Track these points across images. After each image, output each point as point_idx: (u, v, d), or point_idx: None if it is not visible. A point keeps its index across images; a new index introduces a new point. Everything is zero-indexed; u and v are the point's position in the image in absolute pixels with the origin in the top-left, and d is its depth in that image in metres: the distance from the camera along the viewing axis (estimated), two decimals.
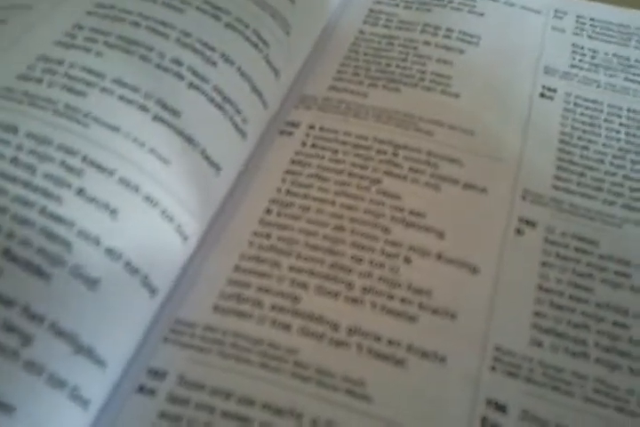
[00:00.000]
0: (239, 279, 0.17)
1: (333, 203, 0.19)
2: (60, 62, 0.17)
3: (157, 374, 0.15)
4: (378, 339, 0.16)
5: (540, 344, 0.16)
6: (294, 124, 0.21)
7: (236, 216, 0.18)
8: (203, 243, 0.17)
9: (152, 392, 0.14)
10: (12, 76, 0.16)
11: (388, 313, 0.16)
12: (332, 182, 0.19)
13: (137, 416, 0.14)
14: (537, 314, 0.16)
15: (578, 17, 0.26)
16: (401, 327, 0.16)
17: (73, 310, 0.13)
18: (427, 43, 0.24)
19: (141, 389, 0.14)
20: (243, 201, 0.18)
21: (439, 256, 0.17)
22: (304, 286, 0.17)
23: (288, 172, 0.19)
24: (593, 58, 0.24)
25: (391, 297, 0.16)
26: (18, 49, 0.17)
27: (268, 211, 0.18)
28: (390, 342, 0.16)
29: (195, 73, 0.18)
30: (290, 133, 0.21)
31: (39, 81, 0.16)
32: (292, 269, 0.17)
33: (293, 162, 0.20)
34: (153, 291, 0.15)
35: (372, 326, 0.16)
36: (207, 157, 0.17)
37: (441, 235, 0.18)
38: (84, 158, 0.15)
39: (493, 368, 0.15)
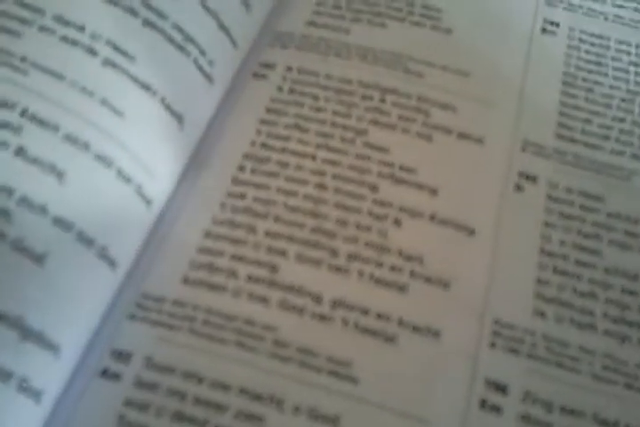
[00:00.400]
0: (211, 247, 0.15)
1: (314, 157, 0.17)
2: None
3: (122, 355, 0.13)
4: (365, 312, 0.14)
5: (543, 315, 0.15)
6: (269, 66, 0.19)
7: (206, 175, 0.16)
8: (169, 207, 0.15)
9: (116, 376, 0.13)
10: None
11: (376, 283, 0.15)
12: (313, 134, 0.17)
13: (100, 403, 0.13)
14: (539, 281, 0.15)
15: None
16: (391, 299, 0.15)
17: (16, 289, 0.12)
18: None
19: (105, 372, 0.13)
20: (212, 157, 0.17)
21: (432, 217, 0.16)
22: (283, 253, 0.15)
23: (263, 122, 0.17)
24: None
25: (379, 265, 0.15)
26: None
27: (242, 168, 0.16)
28: (379, 316, 0.14)
29: (149, 7, 0.16)
30: (264, 76, 0.18)
31: None
32: (268, 234, 0.15)
33: (269, 110, 0.18)
34: (112, 264, 0.13)
35: (358, 298, 0.14)
36: (168, 107, 0.15)
37: (434, 192, 0.16)
38: (23, 112, 0.13)
39: (493, 344, 0.14)
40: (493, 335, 0.14)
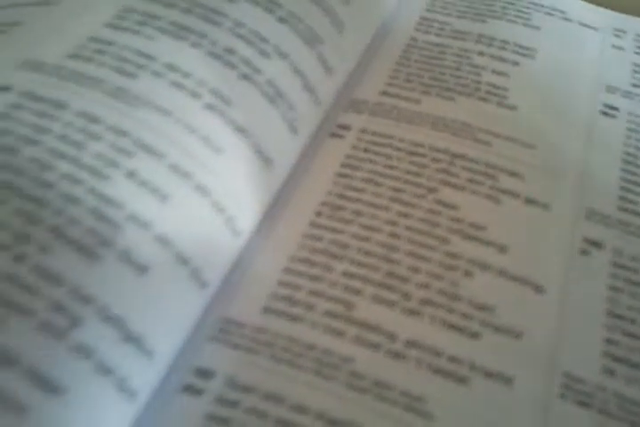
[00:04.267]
0: (290, 281, 0.17)
1: (387, 209, 0.19)
2: (110, 43, 0.18)
3: (205, 373, 0.15)
4: (438, 354, 0.16)
5: (612, 374, 0.16)
6: (345, 127, 0.22)
7: (286, 216, 0.18)
8: (252, 241, 0.17)
9: (199, 392, 0.14)
10: (63, 55, 0.17)
11: (448, 328, 0.16)
12: (386, 188, 0.19)
13: (183, 417, 0.14)
14: (608, 341, 0.17)
15: (637, 35, 0.27)
16: (463, 343, 0.16)
17: (122, 295, 0.13)
18: (481, 53, 0.25)
19: (187, 388, 0.14)
20: (292, 201, 0.19)
21: (501, 272, 0.18)
22: (358, 292, 0.17)
23: (339, 174, 0.20)
24: None
25: (451, 311, 0.17)
26: (68, 29, 0.18)
27: (319, 213, 0.19)
28: (451, 359, 0.16)
29: (248, 64, 0.19)
30: (341, 136, 0.21)
31: (89, 60, 0.17)
32: (345, 274, 0.17)
33: (344, 165, 0.20)
34: (203, 285, 0.15)
35: (431, 341, 0.16)
36: (260, 151, 0.18)
37: (503, 249, 0.18)
38: (135, 140, 0.16)
39: (563, 395, 0.15)
40: (564, 388, 0.15)
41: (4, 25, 0.18)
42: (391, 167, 0.20)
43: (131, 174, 0.15)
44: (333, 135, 0.21)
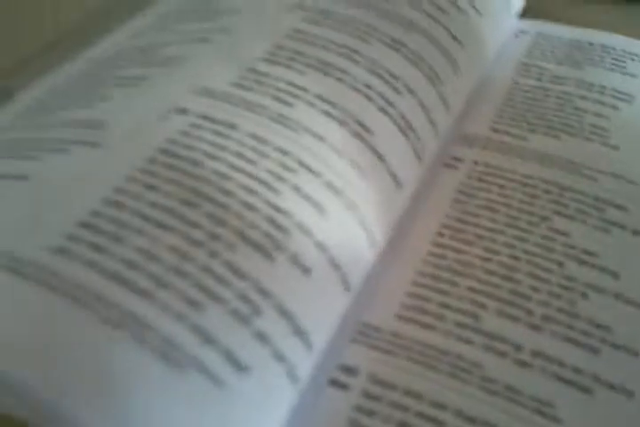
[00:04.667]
0: (419, 293, 0.18)
1: (504, 233, 0.21)
2: (267, 75, 0.20)
3: (349, 370, 0.16)
4: (562, 365, 0.17)
5: None
6: (458, 159, 0.23)
7: (411, 235, 0.20)
8: (381, 255, 0.19)
9: (345, 387, 0.16)
10: (228, 83, 0.19)
11: (569, 342, 0.18)
12: (502, 214, 0.21)
13: (331, 407, 0.15)
14: None
15: None
16: (584, 357, 0.17)
17: (292, 292, 0.15)
18: (583, 97, 0.27)
19: (334, 383, 0.16)
20: (415, 222, 0.21)
21: (617, 296, 0.19)
22: (483, 306, 0.18)
23: (456, 200, 0.22)
24: None
25: (571, 328, 0.18)
26: (230, 62, 0.20)
27: (441, 234, 0.20)
28: (575, 370, 0.17)
29: (383, 98, 0.21)
30: (455, 167, 0.23)
31: (250, 89, 0.19)
32: (470, 289, 0.19)
33: (460, 192, 0.22)
34: (348, 288, 0.17)
35: (554, 352, 0.17)
36: (394, 175, 0.20)
37: (616, 276, 0.20)
38: (297, 159, 0.18)
39: None
40: None
41: (173, 58, 0.21)
42: (505, 196, 0.22)
43: (295, 188, 0.17)
44: (448, 166, 0.23)
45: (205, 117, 0.18)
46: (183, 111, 0.18)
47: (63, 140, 0.18)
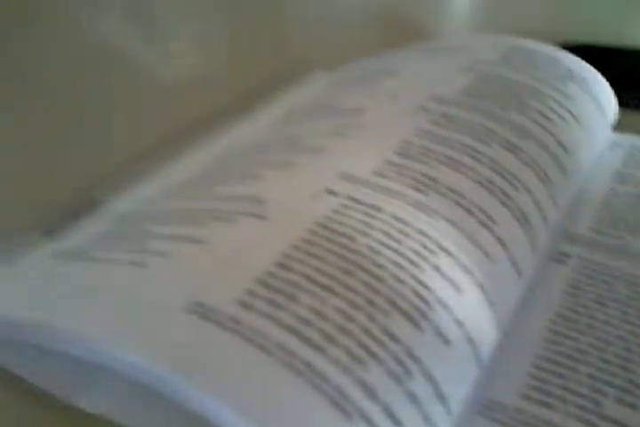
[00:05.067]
0: (539, 375, 0.20)
1: (616, 326, 0.22)
2: (402, 166, 0.22)
3: None
4: None
5: None
6: (565, 255, 0.25)
7: (527, 321, 0.22)
8: (502, 336, 0.21)
9: None
10: (368, 171, 0.22)
11: None
12: (612, 308, 0.22)
13: None
14: None
15: None
16: None
17: (437, 359, 0.17)
18: None
19: None
20: (531, 309, 0.22)
21: None
22: (603, 393, 0.19)
23: (567, 293, 0.23)
24: None
25: None
26: (367, 153, 0.23)
27: (555, 322, 0.22)
28: None
29: (504, 193, 0.23)
30: (563, 262, 0.25)
31: (389, 178, 0.22)
32: (589, 376, 0.20)
33: (570, 286, 0.23)
34: (480, 363, 0.18)
35: None
36: (515, 263, 0.21)
37: None
38: (435, 242, 0.20)
39: None
40: None
41: (315, 148, 0.24)
42: (613, 292, 0.23)
43: (435, 267, 0.19)
44: (556, 260, 0.25)
45: (353, 199, 0.20)
46: (333, 193, 0.21)
47: (230, 212, 0.20)
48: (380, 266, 0.18)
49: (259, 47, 0.45)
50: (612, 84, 0.33)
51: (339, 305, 0.17)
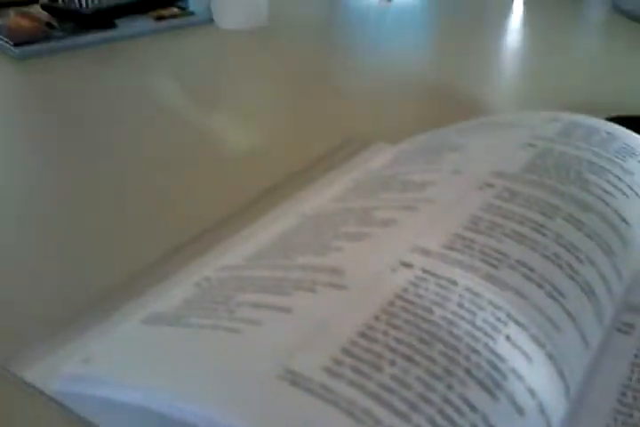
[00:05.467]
0: None
1: None
2: (472, 241, 0.24)
3: None
4: None
5: None
6: (629, 325, 0.26)
7: (594, 391, 0.22)
8: (570, 407, 0.21)
9: None
10: (440, 246, 0.23)
11: None
12: None
13: None
14: None
15: None
16: None
17: None
18: None
19: None
20: (597, 380, 0.23)
21: None
22: None
23: (634, 364, 0.24)
24: None
25: None
26: (438, 227, 0.24)
27: (624, 394, 0.22)
28: None
29: (570, 266, 0.24)
30: (627, 333, 0.25)
31: (461, 251, 0.23)
32: None
33: (637, 356, 0.24)
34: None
35: None
36: (583, 335, 0.22)
37: None
38: (507, 313, 0.21)
39: None
40: None
41: (387, 220, 0.25)
42: None
43: (507, 338, 0.20)
44: (621, 331, 0.25)
45: (427, 272, 0.22)
46: (408, 265, 0.22)
47: (311, 282, 0.22)
48: (456, 337, 0.19)
49: (319, 119, 0.47)
50: None
51: (419, 374, 0.18)
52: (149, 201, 0.37)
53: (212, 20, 0.68)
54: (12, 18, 0.61)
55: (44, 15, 0.64)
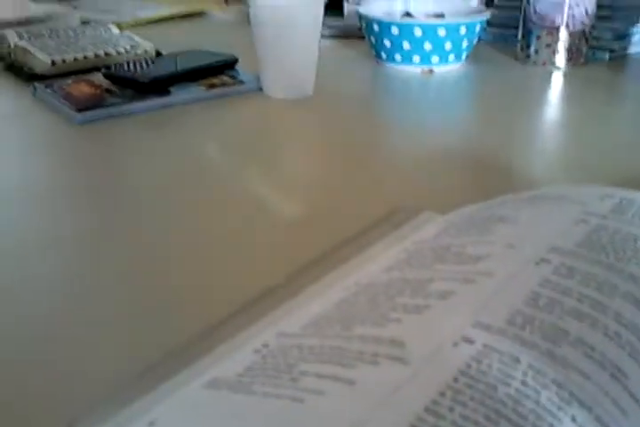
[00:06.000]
0: None
1: None
2: (533, 317, 0.24)
3: None
4: None
5: None
6: None
7: None
8: None
9: None
10: (501, 321, 0.23)
11: None
12: None
13: None
14: None
15: None
16: None
17: None
18: None
19: None
20: None
21: None
22: None
23: None
24: None
25: None
26: (496, 301, 0.24)
27: None
28: None
29: (631, 346, 0.24)
30: None
31: (522, 328, 0.23)
32: None
33: None
34: None
35: None
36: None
37: None
38: (569, 391, 0.21)
39: None
40: None
41: (445, 293, 0.25)
42: None
43: (573, 419, 0.20)
44: None
45: (490, 348, 0.22)
46: (470, 341, 0.22)
47: (372, 354, 0.22)
48: (521, 415, 0.19)
49: (365, 188, 0.48)
50: None
51: None
52: (211, 266, 0.38)
53: (260, 89, 0.70)
54: (74, 85, 0.65)
55: (105, 82, 0.67)
